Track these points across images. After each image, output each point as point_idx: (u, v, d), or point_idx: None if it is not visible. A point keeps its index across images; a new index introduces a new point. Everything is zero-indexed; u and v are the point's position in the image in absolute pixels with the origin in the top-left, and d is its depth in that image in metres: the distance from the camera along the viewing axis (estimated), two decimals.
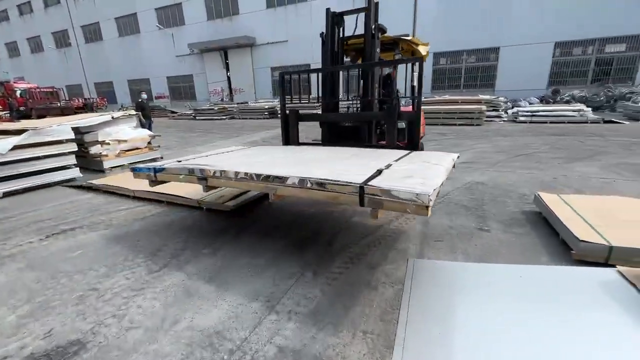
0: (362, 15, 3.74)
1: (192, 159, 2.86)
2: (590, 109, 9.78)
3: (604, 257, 2.09)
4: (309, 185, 1.91)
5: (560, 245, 2.43)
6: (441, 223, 2.93)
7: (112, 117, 5.93)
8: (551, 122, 9.67)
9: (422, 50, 4.07)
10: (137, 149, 6.10)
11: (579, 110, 9.46)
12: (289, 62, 20.44)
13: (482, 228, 2.81)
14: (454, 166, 2.64)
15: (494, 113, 10.97)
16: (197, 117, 17.38)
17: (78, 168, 5.07)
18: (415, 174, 2.01)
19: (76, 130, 5.22)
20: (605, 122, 9.38)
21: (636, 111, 9.72)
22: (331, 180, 1.85)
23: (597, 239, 2.14)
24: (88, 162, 5.59)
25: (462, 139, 7.80)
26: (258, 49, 21.19)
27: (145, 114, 8.48)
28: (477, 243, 2.54)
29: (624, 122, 9.30)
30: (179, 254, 2.53)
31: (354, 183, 1.77)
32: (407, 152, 3.02)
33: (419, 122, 3.28)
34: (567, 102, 13.74)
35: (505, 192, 3.74)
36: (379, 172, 2.04)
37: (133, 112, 6.77)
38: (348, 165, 2.41)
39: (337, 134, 3.97)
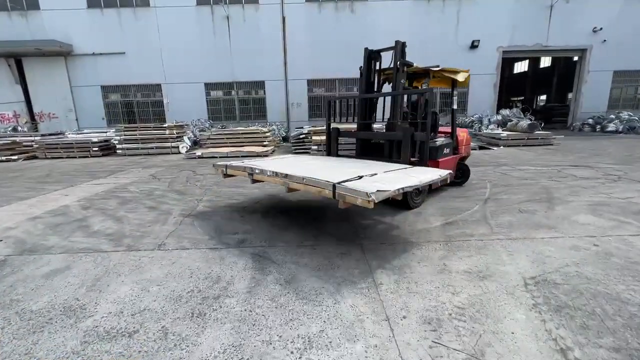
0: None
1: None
2: None
3: None
4: (301, 180, 2.81)
5: None
6: None
7: None
8: None
9: (460, 77, 4.43)
10: None
11: None
12: (133, 80, 15.60)
13: None
14: (447, 180, 3.06)
15: None
16: None
17: None
18: (385, 181, 2.65)
19: None
20: (480, 148, 10.11)
21: (493, 137, 10.99)
22: (312, 178, 2.72)
23: None
24: None
25: None
26: (78, 60, 15.31)
27: None
28: None
29: (493, 147, 10.24)
30: None
31: (331, 182, 2.53)
32: (407, 166, 3.60)
33: (428, 143, 3.86)
34: None
35: (612, 301, 1.96)
36: (360, 177, 2.78)
37: None
38: (342, 172, 3.04)
39: (369, 149, 4.76)
